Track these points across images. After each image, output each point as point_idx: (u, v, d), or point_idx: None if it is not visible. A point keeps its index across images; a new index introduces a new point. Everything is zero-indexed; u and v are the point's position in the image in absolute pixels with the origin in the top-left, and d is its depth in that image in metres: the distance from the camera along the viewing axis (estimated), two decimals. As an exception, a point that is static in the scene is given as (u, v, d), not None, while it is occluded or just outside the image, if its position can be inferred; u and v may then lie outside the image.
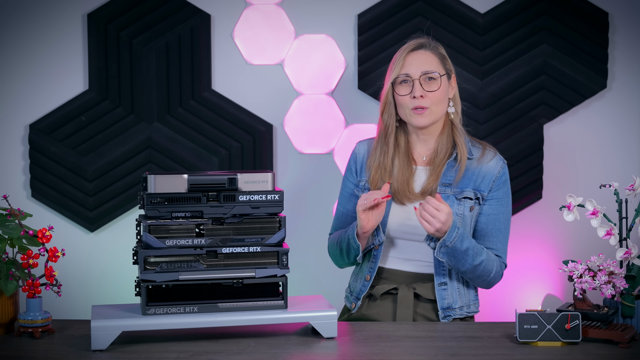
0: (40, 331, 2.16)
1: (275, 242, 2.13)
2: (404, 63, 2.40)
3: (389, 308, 2.42)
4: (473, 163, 2.43)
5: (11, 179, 3.19)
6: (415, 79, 2.38)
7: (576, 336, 2.06)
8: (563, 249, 3.16)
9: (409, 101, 2.39)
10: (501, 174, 2.44)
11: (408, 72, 2.39)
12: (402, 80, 2.40)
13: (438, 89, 2.38)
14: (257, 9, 3.14)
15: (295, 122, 3.16)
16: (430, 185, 2.40)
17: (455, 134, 2.45)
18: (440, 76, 2.39)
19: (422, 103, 2.37)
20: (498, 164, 2.44)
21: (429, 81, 2.38)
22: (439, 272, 2.40)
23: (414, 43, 2.43)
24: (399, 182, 2.41)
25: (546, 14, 3.10)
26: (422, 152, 2.47)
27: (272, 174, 2.15)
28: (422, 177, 2.44)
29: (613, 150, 3.15)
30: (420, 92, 2.37)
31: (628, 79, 3.13)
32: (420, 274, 2.43)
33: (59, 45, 3.15)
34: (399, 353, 2.01)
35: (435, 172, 2.41)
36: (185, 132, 3.15)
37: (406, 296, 2.40)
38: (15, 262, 2.23)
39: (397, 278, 2.44)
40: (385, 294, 2.43)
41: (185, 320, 2.06)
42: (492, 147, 2.48)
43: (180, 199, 2.09)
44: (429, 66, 2.39)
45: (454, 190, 2.40)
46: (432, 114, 2.39)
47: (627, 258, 2.22)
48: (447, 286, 2.40)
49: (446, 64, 2.44)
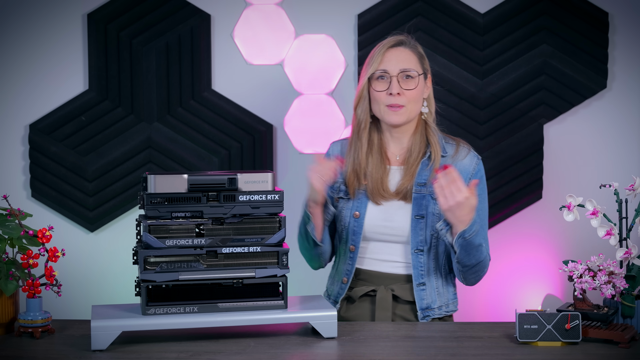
0: (40, 331, 2.16)
1: (275, 242, 2.13)
2: (383, 59, 2.38)
3: (367, 310, 2.41)
4: (447, 161, 2.40)
5: (11, 179, 3.19)
6: (393, 75, 2.36)
7: (576, 336, 2.06)
8: (563, 249, 3.16)
9: (384, 98, 2.36)
10: (477, 171, 2.42)
11: (386, 69, 2.37)
12: (379, 75, 2.37)
13: (415, 88, 2.36)
14: (257, 9, 3.14)
15: (295, 122, 3.16)
16: (406, 185, 2.38)
17: (428, 133, 2.42)
18: (418, 75, 2.37)
19: (398, 101, 2.35)
20: (473, 160, 2.42)
21: (406, 79, 2.36)
22: (417, 272, 2.38)
23: (394, 40, 2.41)
24: (373, 180, 2.39)
25: (546, 14, 3.10)
26: (396, 151, 2.44)
27: (272, 174, 2.15)
28: (397, 177, 2.42)
29: (613, 150, 3.15)
30: (397, 90, 2.35)
31: (628, 79, 3.13)
32: (398, 275, 2.41)
33: (59, 45, 3.15)
34: (399, 353, 2.01)
35: (410, 172, 2.39)
36: (185, 132, 3.15)
37: (384, 298, 2.38)
38: (15, 262, 2.23)
39: (375, 279, 2.42)
40: (363, 295, 2.42)
41: (185, 320, 2.06)
42: (466, 143, 2.46)
43: (180, 199, 2.09)
44: (407, 64, 2.37)
45: (429, 190, 2.37)
46: (407, 113, 2.37)
47: (627, 258, 2.22)
48: (425, 286, 2.38)
49: (424, 63, 2.42)
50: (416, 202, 2.37)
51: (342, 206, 2.44)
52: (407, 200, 2.38)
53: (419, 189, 2.38)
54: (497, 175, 3.14)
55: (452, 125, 3.12)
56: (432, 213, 2.37)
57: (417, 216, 2.37)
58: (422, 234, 2.37)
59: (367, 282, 2.43)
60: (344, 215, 2.43)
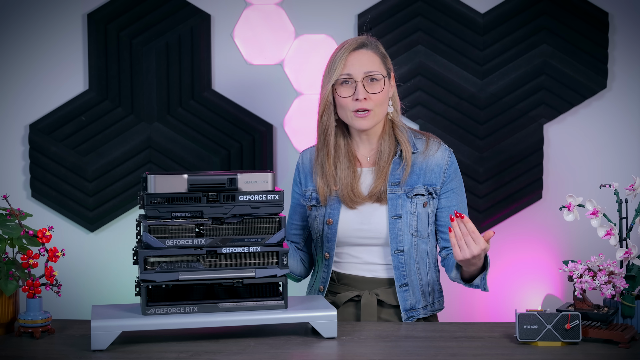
0: (40, 331, 2.16)
1: (275, 242, 2.13)
2: (346, 63, 2.33)
3: (351, 315, 2.40)
4: (419, 157, 2.38)
5: (11, 179, 3.19)
6: (357, 80, 2.32)
7: (576, 336, 2.06)
8: (563, 249, 3.16)
9: (351, 103, 2.32)
10: (450, 164, 2.40)
11: (350, 73, 2.32)
12: (343, 80, 2.33)
13: (381, 91, 2.33)
14: (257, 9, 3.14)
15: (295, 122, 3.16)
16: (379, 187, 2.35)
17: (396, 132, 2.40)
18: (383, 77, 2.33)
19: (365, 105, 2.31)
20: (444, 154, 2.40)
21: (371, 82, 2.32)
22: (399, 273, 2.36)
23: (355, 42, 2.35)
24: (343, 185, 2.36)
25: (546, 14, 3.10)
26: (365, 153, 2.42)
27: (272, 174, 2.15)
28: (369, 179, 2.39)
29: (613, 150, 3.15)
30: (363, 95, 2.30)
31: (628, 79, 3.13)
32: (381, 279, 2.40)
33: (59, 45, 3.15)
34: (399, 353, 2.01)
35: (382, 173, 2.36)
36: (185, 132, 3.15)
37: (369, 303, 2.37)
38: (15, 262, 2.23)
39: (359, 284, 2.40)
40: (348, 301, 2.40)
41: (185, 320, 2.06)
42: (435, 138, 2.43)
43: (180, 199, 2.09)
44: (371, 66, 2.33)
45: (404, 189, 2.36)
46: (375, 116, 2.34)
47: (627, 258, 2.22)
48: (408, 287, 2.37)
49: (387, 63, 2.38)
50: (392, 203, 2.35)
51: (315, 214, 2.42)
52: (381, 202, 2.36)
53: (394, 189, 2.36)
54: (497, 175, 3.14)
55: (452, 125, 3.12)
56: (409, 212, 2.35)
57: (394, 217, 2.35)
58: (400, 234, 2.35)
59: (350, 286, 2.41)
60: (317, 223, 2.42)
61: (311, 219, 2.45)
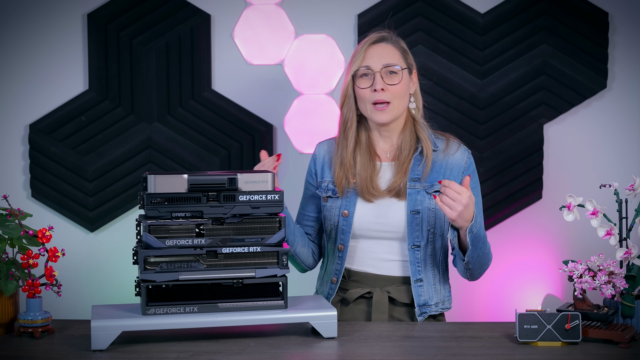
0: (40, 331, 2.16)
1: (275, 242, 2.13)
2: (365, 55, 2.37)
3: (362, 312, 2.40)
4: (439, 155, 2.40)
5: (11, 179, 3.19)
6: (376, 71, 2.35)
7: (576, 336, 2.06)
8: (563, 249, 3.16)
9: (369, 95, 2.35)
10: (468, 165, 2.42)
11: (369, 65, 2.36)
12: (362, 73, 2.36)
13: (399, 83, 2.35)
14: (257, 9, 3.14)
15: (295, 122, 3.16)
16: (398, 182, 2.37)
17: (417, 129, 2.41)
18: (401, 69, 2.36)
19: (383, 97, 2.34)
20: (464, 154, 2.42)
21: (390, 75, 2.35)
22: (414, 268, 2.37)
23: (375, 36, 2.40)
24: (361, 178, 2.38)
25: (546, 14, 3.10)
26: (385, 148, 2.43)
27: (272, 174, 2.15)
28: (388, 174, 2.41)
29: (613, 150, 3.15)
30: (381, 85, 2.33)
31: (628, 79, 3.13)
32: (393, 277, 2.40)
33: (59, 45, 3.15)
34: (399, 353, 2.01)
35: (403, 169, 2.38)
36: (185, 132, 3.15)
37: (381, 300, 2.37)
38: (15, 262, 2.23)
39: (369, 281, 2.40)
40: (358, 298, 2.40)
41: (185, 320, 2.06)
42: (455, 138, 2.46)
43: (180, 199, 2.09)
44: (390, 59, 2.36)
45: (423, 185, 2.37)
46: (393, 110, 2.36)
47: (627, 258, 2.22)
48: (422, 283, 2.38)
49: (407, 58, 2.41)
50: (411, 198, 2.36)
51: (331, 205, 2.43)
52: (400, 197, 2.37)
53: (413, 185, 2.37)
54: (497, 175, 3.14)
55: (452, 125, 3.12)
56: (428, 208, 2.36)
57: (412, 212, 2.36)
58: (418, 229, 2.36)
59: (361, 283, 2.41)
60: (332, 214, 2.42)
61: (326, 210, 2.44)
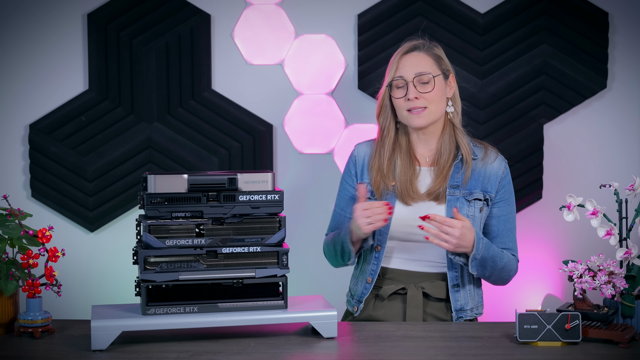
0: (40, 331, 2.16)
1: (275, 242, 2.13)
2: (399, 66, 2.41)
3: (397, 309, 2.41)
4: (478, 164, 2.43)
5: (11, 179, 3.19)
6: (409, 81, 2.38)
7: (576, 336, 2.06)
8: (563, 249, 3.16)
9: (404, 103, 2.39)
10: (505, 174, 2.45)
11: (402, 75, 2.40)
12: (397, 84, 2.41)
13: (432, 90, 2.38)
14: (257, 9, 3.14)
15: (295, 122, 3.16)
16: (438, 187, 2.39)
17: (457, 134, 2.45)
18: (433, 77, 2.39)
19: (418, 104, 2.37)
20: (502, 164, 2.46)
21: (423, 84, 2.38)
22: (452, 274, 2.39)
23: (408, 45, 2.44)
24: (401, 182, 2.41)
25: (546, 14, 3.10)
26: (425, 153, 2.46)
27: (272, 174, 2.15)
28: (427, 178, 2.43)
29: (613, 150, 3.15)
30: (414, 94, 2.37)
31: (628, 79, 3.13)
32: (427, 273, 2.42)
33: (59, 45, 3.15)
34: (399, 353, 2.01)
35: (442, 174, 2.40)
36: (185, 132, 3.15)
37: (415, 296, 2.38)
38: (15, 262, 2.23)
39: (404, 278, 2.42)
40: (392, 294, 2.42)
41: (185, 320, 2.06)
42: (493, 147, 2.49)
43: (180, 199, 2.09)
44: (422, 67, 2.39)
45: (462, 192, 2.39)
46: (430, 114, 2.39)
47: (627, 258, 2.22)
48: (459, 288, 2.40)
49: (442, 64, 2.44)
50: (450, 205, 2.38)
51: None
52: (439, 202, 2.39)
53: (453, 191, 2.39)
54: (497, 175, 3.14)
55: (452, 125, 3.12)
56: (467, 215, 2.38)
57: (451, 218, 2.35)
58: None
59: (395, 280, 2.43)
60: None
61: None
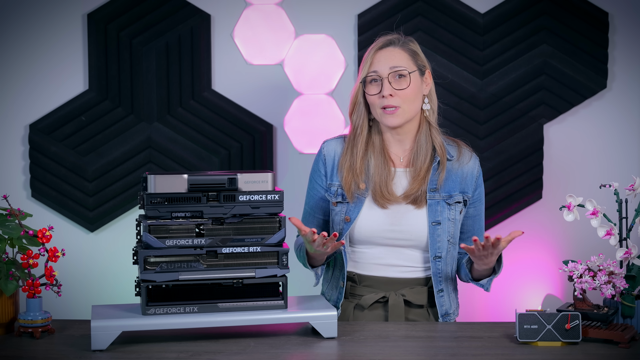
0: (40, 331, 2.16)
1: (275, 242, 2.13)
2: (373, 61, 2.32)
3: (379, 317, 2.36)
4: (454, 164, 2.36)
5: (11, 179, 3.19)
6: (384, 77, 2.30)
7: (576, 336, 2.06)
8: (563, 249, 3.16)
9: (378, 101, 2.31)
10: (479, 173, 2.41)
11: (376, 70, 2.31)
12: (371, 78, 2.32)
13: (408, 87, 2.30)
14: (257, 9, 3.14)
15: (295, 122, 3.16)
16: (416, 190, 2.31)
17: (433, 134, 2.36)
18: (409, 73, 2.31)
19: (392, 102, 2.29)
20: (476, 163, 2.40)
21: (398, 79, 2.30)
22: (436, 279, 2.35)
23: (382, 40, 2.35)
24: (376, 183, 2.33)
25: (546, 14, 3.10)
26: (399, 153, 2.38)
27: (272, 174, 2.15)
28: (403, 180, 2.36)
29: (613, 150, 3.15)
30: (389, 91, 2.29)
31: (628, 79, 3.13)
32: (407, 279, 2.36)
33: (59, 45, 3.15)
34: (399, 353, 2.01)
35: (420, 177, 2.33)
36: (185, 132, 3.15)
37: (397, 304, 2.33)
38: (15, 262, 2.23)
39: (382, 285, 2.36)
40: (373, 303, 2.36)
41: (185, 320, 2.06)
42: (465, 145, 2.42)
43: (180, 199, 2.09)
44: (397, 62, 2.30)
45: (442, 196, 2.34)
46: (404, 113, 2.31)
47: (627, 258, 2.22)
48: (443, 293, 2.36)
49: (417, 59, 2.35)
50: (431, 209, 2.33)
51: (339, 210, 2.37)
52: (417, 206, 2.32)
53: (432, 195, 2.33)
54: (497, 175, 3.14)
55: (452, 125, 3.11)
56: (448, 219, 2.34)
57: (434, 223, 2.32)
58: (439, 240, 2.33)
59: (373, 287, 2.36)
60: (341, 219, 2.37)
61: (334, 214, 2.39)
